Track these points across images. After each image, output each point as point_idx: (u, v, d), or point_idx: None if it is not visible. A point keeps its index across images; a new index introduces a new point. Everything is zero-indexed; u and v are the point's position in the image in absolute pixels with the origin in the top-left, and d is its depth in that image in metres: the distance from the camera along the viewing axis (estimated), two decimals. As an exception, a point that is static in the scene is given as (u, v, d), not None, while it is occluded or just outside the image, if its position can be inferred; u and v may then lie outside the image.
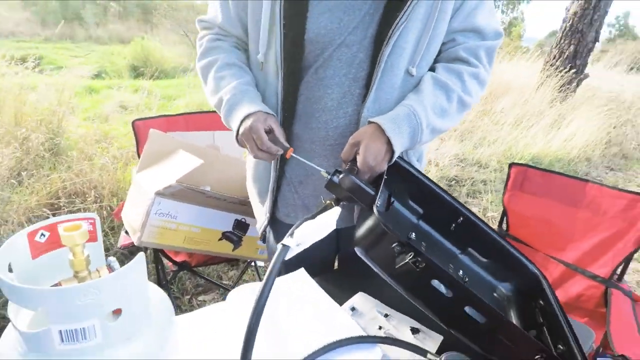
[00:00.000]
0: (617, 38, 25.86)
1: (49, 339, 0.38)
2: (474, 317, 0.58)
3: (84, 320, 0.39)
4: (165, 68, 10.02)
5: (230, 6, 0.87)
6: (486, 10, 0.84)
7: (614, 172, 4.41)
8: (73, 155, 2.54)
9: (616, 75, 9.66)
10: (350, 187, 0.67)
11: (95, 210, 1.97)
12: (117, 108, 5.29)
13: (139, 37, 11.61)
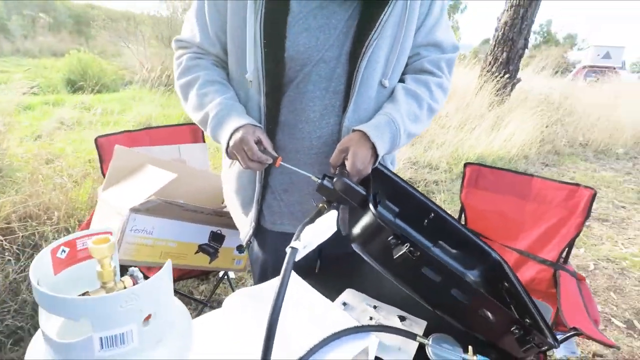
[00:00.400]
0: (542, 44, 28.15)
1: (89, 346, 0.40)
2: (459, 298, 0.65)
3: (124, 326, 0.41)
4: (105, 81, 9.57)
5: (209, 26, 0.90)
6: (443, 26, 0.95)
7: (548, 167, 4.83)
8: (19, 176, 2.39)
9: (543, 79, 10.55)
10: (343, 189, 0.73)
11: (53, 233, 1.88)
12: (57, 125, 4.99)
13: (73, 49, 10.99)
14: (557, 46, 25.17)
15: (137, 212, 1.14)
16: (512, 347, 0.70)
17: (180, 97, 0.96)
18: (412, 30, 0.89)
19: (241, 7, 0.84)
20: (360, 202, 0.73)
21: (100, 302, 0.40)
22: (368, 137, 0.82)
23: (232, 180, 1.02)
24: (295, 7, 0.84)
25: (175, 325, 0.49)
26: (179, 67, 0.94)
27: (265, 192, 0.97)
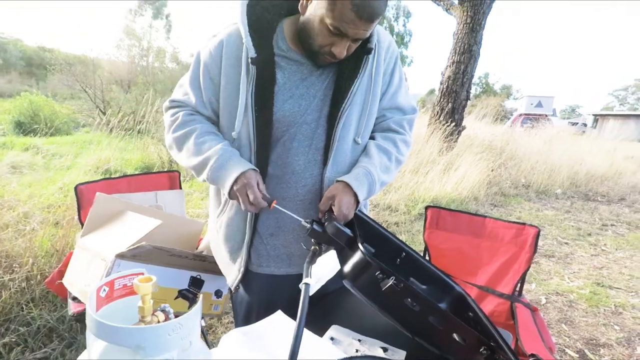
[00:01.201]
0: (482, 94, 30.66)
1: None
2: (436, 325, 0.75)
3: (168, 352, 0.47)
4: (57, 124, 9.28)
5: (203, 92, 1.02)
6: (403, 92, 1.12)
7: (497, 207, 5.19)
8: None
9: (485, 126, 11.46)
10: (334, 232, 0.83)
11: (16, 281, 1.80)
12: (8, 169, 4.76)
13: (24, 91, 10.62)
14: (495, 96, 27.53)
15: (122, 257, 1.17)
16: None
17: (173, 146, 1.03)
18: (377, 97, 1.05)
19: (235, 77, 0.96)
20: (347, 243, 0.83)
21: (154, 330, 0.46)
22: (350, 187, 0.95)
23: (221, 228, 1.09)
24: (281, 78, 0.98)
25: (201, 352, 0.55)
26: (174, 121, 1.03)
27: (253, 236, 1.05)
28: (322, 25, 0.88)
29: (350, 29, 0.86)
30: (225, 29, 1.00)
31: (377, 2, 0.84)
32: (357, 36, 0.88)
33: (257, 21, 0.96)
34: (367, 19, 0.84)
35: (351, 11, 0.83)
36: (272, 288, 1.07)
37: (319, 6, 0.87)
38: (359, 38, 0.90)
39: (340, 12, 0.84)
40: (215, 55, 0.98)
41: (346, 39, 0.89)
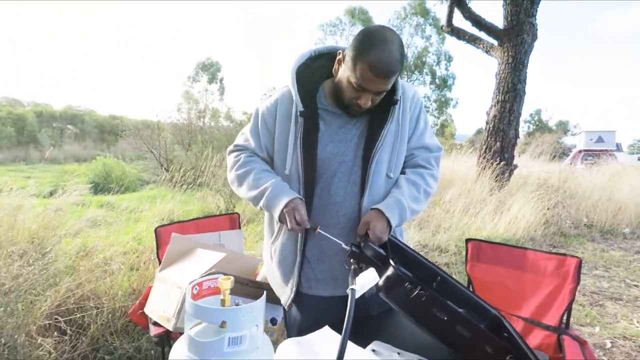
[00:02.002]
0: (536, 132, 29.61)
1: (221, 344, 0.62)
2: (463, 334, 0.86)
3: (242, 330, 0.64)
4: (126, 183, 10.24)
5: (260, 139, 1.26)
6: (428, 134, 1.31)
7: (556, 249, 4.95)
8: (62, 269, 2.62)
9: (541, 164, 11.06)
10: (372, 253, 0.99)
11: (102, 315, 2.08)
12: (88, 223, 5.34)
13: (96, 155, 11.89)
14: (550, 133, 26.51)
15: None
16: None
17: (235, 182, 1.27)
18: (405, 139, 1.24)
19: (286, 126, 1.20)
20: (382, 261, 0.98)
21: (235, 311, 0.64)
22: (383, 213, 1.12)
23: (275, 253, 1.28)
24: (323, 127, 1.20)
25: (263, 342, 0.71)
26: (237, 162, 1.27)
27: (302, 260, 1.22)
28: (348, 84, 1.10)
29: (370, 85, 1.07)
30: (279, 90, 1.26)
31: (391, 62, 1.03)
32: (377, 90, 1.09)
33: (304, 83, 1.20)
34: (383, 76, 1.05)
35: (369, 71, 1.04)
36: (320, 308, 1.22)
37: (345, 69, 1.10)
38: (380, 92, 1.10)
39: (361, 73, 1.05)
40: (272, 109, 1.23)
41: (369, 93, 1.09)
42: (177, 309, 1.36)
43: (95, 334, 2.03)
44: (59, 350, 1.84)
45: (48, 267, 2.31)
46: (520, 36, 6.53)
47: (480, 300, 1.19)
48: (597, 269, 4.23)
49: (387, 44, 1.04)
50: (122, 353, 1.99)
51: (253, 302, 0.66)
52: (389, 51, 1.03)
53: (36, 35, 72.84)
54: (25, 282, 2.05)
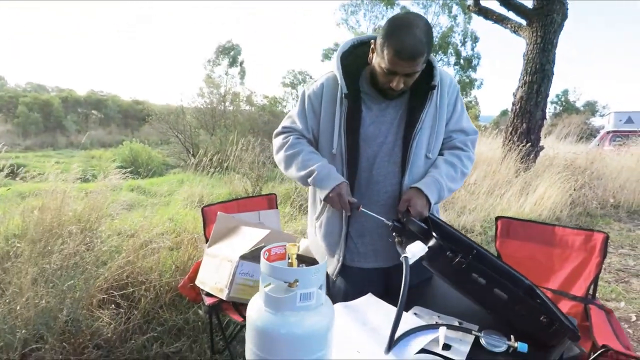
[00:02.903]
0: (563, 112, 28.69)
1: (294, 299, 0.74)
2: (500, 296, 0.95)
3: (311, 288, 0.75)
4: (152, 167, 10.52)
5: (307, 121, 1.36)
6: (465, 117, 1.38)
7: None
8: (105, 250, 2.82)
9: (568, 146, 10.82)
10: (415, 228, 1.09)
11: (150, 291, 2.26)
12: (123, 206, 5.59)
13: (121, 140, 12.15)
14: (577, 114, 25.65)
15: (244, 258, 1.51)
16: (542, 335, 0.97)
17: (282, 162, 1.37)
18: (443, 122, 1.32)
19: (332, 109, 1.30)
20: (423, 234, 1.07)
21: (305, 271, 0.75)
22: (422, 191, 1.21)
23: (320, 227, 1.39)
24: (365, 109, 1.29)
25: (326, 300, 0.82)
26: (286, 143, 1.36)
27: (347, 235, 1.33)
28: (380, 69, 1.18)
29: (398, 69, 1.14)
30: (324, 75, 1.36)
31: (415, 45, 1.10)
32: (405, 72, 1.16)
33: (347, 68, 1.29)
34: (408, 59, 1.12)
35: (395, 55, 1.12)
36: (362, 279, 1.34)
37: (376, 56, 1.18)
38: (410, 73, 1.17)
39: (388, 58, 1.13)
40: (318, 93, 1.33)
41: (399, 76, 1.17)
42: (230, 280, 1.50)
43: (146, 307, 2.20)
44: (116, 321, 2.02)
45: (96, 247, 2.49)
46: (550, 16, 6.35)
47: (514, 271, 1.27)
48: (623, 248, 4.22)
49: (411, 27, 1.11)
50: (172, 325, 2.16)
51: (319, 264, 0.77)
52: (413, 34, 1.10)
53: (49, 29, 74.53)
54: (82, 261, 2.23)
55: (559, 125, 15.01)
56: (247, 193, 5.89)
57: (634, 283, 3.31)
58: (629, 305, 2.88)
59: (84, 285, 2.11)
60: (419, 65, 1.16)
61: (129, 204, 5.85)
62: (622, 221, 5.38)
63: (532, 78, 6.58)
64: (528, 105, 6.64)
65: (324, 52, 24.86)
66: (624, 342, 1.47)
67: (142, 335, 2.05)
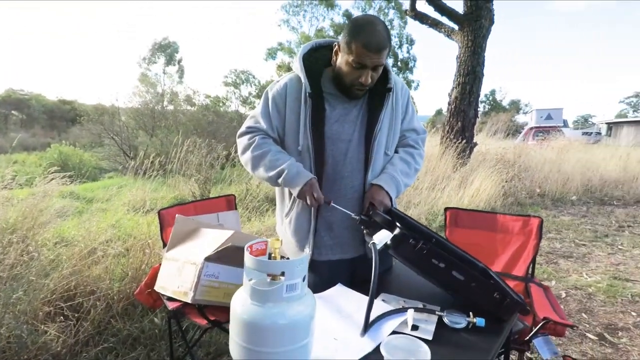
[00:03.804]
0: (491, 111, 30.96)
1: (280, 291, 0.76)
2: (458, 277, 1.05)
3: (295, 279, 0.78)
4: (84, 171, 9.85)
5: (271, 120, 1.38)
6: (415, 118, 1.51)
7: (513, 217, 5.38)
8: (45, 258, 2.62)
9: (497, 141, 11.71)
10: (381, 219, 1.15)
11: (101, 300, 2.14)
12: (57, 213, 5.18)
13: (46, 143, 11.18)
14: (504, 112, 27.81)
15: (209, 260, 1.49)
16: (496, 310, 1.08)
17: (249, 163, 1.37)
18: (399, 121, 1.43)
19: (296, 107, 1.33)
20: (388, 225, 1.14)
21: (291, 262, 0.77)
22: (382, 187, 1.31)
23: (290, 223, 1.41)
24: (328, 108, 1.35)
25: (308, 290, 0.86)
26: (252, 144, 1.37)
27: (315, 231, 1.37)
28: (347, 66, 1.25)
29: (367, 60, 1.22)
30: (287, 76, 1.39)
31: (380, 38, 1.20)
32: (373, 64, 1.24)
33: (309, 69, 1.34)
34: (376, 50, 1.20)
35: (363, 48, 1.20)
36: (330, 271, 1.38)
37: (342, 54, 1.26)
38: (376, 65, 1.25)
39: (356, 52, 1.21)
40: (282, 92, 1.36)
41: (367, 69, 1.24)
42: (195, 282, 1.48)
43: (97, 318, 2.09)
44: (65, 334, 1.90)
45: (37, 257, 2.32)
46: (479, 21, 6.84)
47: (469, 255, 1.38)
48: (550, 233, 4.68)
49: (374, 24, 1.22)
50: (126, 334, 2.07)
51: (301, 257, 0.80)
52: (377, 30, 1.21)
53: None
54: (27, 271, 2.07)
55: (488, 123, 16.19)
56: (195, 196, 5.72)
57: (561, 263, 3.68)
58: (559, 284, 3.21)
59: (26, 297, 1.96)
60: (384, 57, 1.24)
61: (63, 211, 5.44)
62: (548, 208, 5.95)
63: (464, 79, 7.04)
64: (462, 104, 7.10)
65: (268, 52, 24.76)
66: (561, 314, 1.65)
67: (94, 347, 1.95)
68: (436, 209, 4.86)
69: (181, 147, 6.39)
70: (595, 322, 2.59)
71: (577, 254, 3.95)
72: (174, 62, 24.54)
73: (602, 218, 5.42)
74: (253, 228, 3.98)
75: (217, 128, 10.20)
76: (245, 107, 24.56)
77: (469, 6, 6.90)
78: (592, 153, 9.96)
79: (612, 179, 7.56)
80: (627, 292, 3.01)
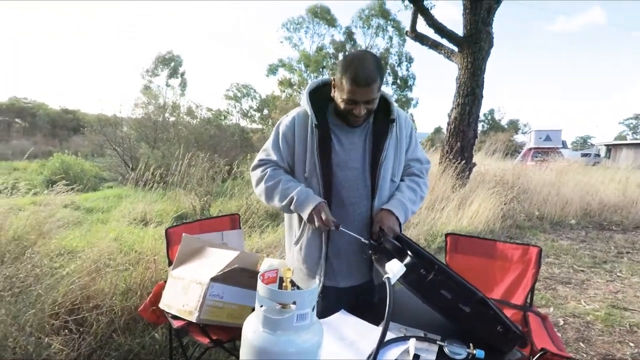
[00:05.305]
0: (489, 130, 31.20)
1: (291, 320, 0.80)
2: (464, 309, 1.08)
3: (306, 309, 0.81)
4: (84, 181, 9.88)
5: (281, 151, 1.44)
6: (419, 148, 1.57)
7: (513, 240, 5.41)
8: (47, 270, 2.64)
9: (495, 162, 11.78)
10: (391, 246, 1.19)
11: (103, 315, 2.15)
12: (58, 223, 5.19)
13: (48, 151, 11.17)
14: (503, 131, 28.06)
15: (215, 280, 1.52)
16: (498, 342, 1.11)
17: (263, 194, 1.43)
18: (403, 150, 1.49)
19: (304, 138, 1.40)
20: (397, 252, 1.18)
21: (303, 293, 0.81)
22: (392, 212, 1.36)
23: (301, 250, 1.46)
24: (334, 137, 1.41)
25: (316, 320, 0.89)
26: (264, 175, 1.43)
27: (326, 256, 1.42)
28: (342, 101, 1.33)
29: (357, 96, 1.29)
30: (295, 110, 1.47)
31: (368, 73, 1.26)
32: (364, 99, 1.30)
33: (315, 103, 1.41)
34: (364, 85, 1.27)
35: (352, 84, 1.27)
36: (337, 297, 1.43)
37: (337, 90, 1.34)
38: (368, 100, 1.31)
39: (347, 88, 1.28)
40: (290, 125, 1.44)
41: (359, 104, 1.31)
42: (200, 302, 1.51)
43: (99, 332, 2.10)
44: (69, 348, 1.91)
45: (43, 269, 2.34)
46: (478, 44, 6.99)
47: (468, 284, 1.42)
48: (549, 257, 4.70)
49: (362, 60, 1.29)
50: (127, 349, 2.08)
51: (312, 287, 0.84)
52: (364, 65, 1.27)
53: None
54: (37, 284, 2.10)
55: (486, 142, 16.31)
56: (195, 210, 5.75)
57: (559, 290, 3.70)
58: (557, 311, 3.22)
59: (33, 310, 1.98)
60: (374, 91, 1.30)
61: (64, 221, 5.46)
62: (547, 232, 5.97)
63: (464, 100, 7.15)
64: (461, 125, 7.20)
65: (269, 68, 25.10)
66: (558, 345, 1.67)
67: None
68: (435, 230, 4.89)
69: (182, 160, 6.45)
70: (592, 352, 2.60)
71: (575, 280, 3.97)
72: (177, 75, 24.85)
73: (600, 243, 5.44)
74: (253, 244, 4.00)
75: (218, 142, 10.28)
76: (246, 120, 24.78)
77: (468, 29, 7.06)
78: (591, 176, 10.01)
79: (611, 203, 7.60)
80: (626, 322, 3.02)
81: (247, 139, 12.11)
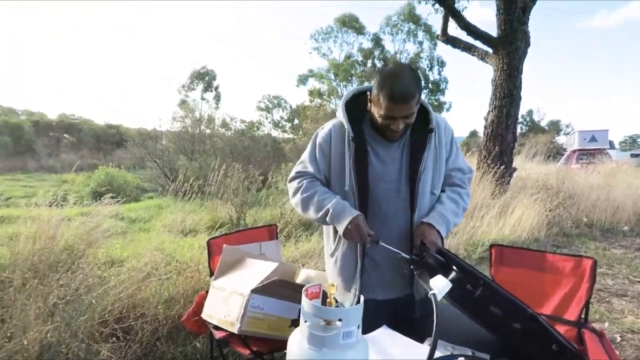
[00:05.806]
0: (529, 132, 30.01)
1: (337, 337, 0.78)
2: (516, 327, 1.02)
3: (352, 327, 0.79)
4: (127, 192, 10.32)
5: (318, 163, 1.44)
6: (460, 157, 1.52)
7: (560, 249, 5.13)
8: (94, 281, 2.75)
9: (537, 165, 11.28)
10: (433, 261, 1.15)
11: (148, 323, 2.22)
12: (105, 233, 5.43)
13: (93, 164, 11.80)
14: (543, 133, 26.91)
15: (255, 292, 1.53)
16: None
17: (299, 205, 1.43)
18: (443, 161, 1.44)
19: (341, 150, 1.39)
20: (441, 267, 1.14)
21: (348, 310, 0.79)
22: (434, 226, 1.31)
23: (336, 262, 1.44)
24: (370, 150, 1.39)
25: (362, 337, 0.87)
26: (301, 187, 1.43)
27: (362, 270, 1.39)
28: (379, 117, 1.30)
29: (395, 113, 1.26)
30: (331, 122, 1.46)
31: (406, 89, 1.22)
32: (402, 114, 1.27)
33: (351, 115, 1.40)
34: (402, 102, 1.24)
35: (390, 102, 1.24)
36: (374, 311, 1.38)
37: (373, 105, 1.31)
38: (406, 115, 1.28)
39: (384, 105, 1.25)
40: (327, 138, 1.43)
41: (397, 119, 1.28)
42: (241, 313, 1.51)
43: (144, 340, 2.16)
44: (116, 355, 1.98)
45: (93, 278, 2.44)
46: (514, 44, 6.75)
47: (517, 299, 1.35)
48: (600, 267, 4.41)
49: (399, 75, 1.25)
50: (170, 358, 2.13)
51: (359, 305, 0.82)
52: (402, 80, 1.23)
53: (37, 36, 72.94)
54: (88, 293, 2.19)
55: (526, 145, 15.67)
56: (232, 219, 5.86)
57: (614, 303, 3.46)
58: (613, 326, 3.01)
59: (84, 317, 2.07)
60: (412, 107, 1.27)
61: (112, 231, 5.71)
62: (597, 240, 5.63)
63: (501, 102, 6.91)
64: (499, 128, 6.94)
65: (299, 78, 25.43)
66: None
67: (140, 370, 2.01)
68: (475, 239, 4.72)
69: (218, 171, 6.60)
70: (654, 370, 2.41)
71: (632, 292, 3.71)
72: (211, 88, 25.63)
73: (657, 251, 5.07)
74: (289, 254, 4.01)
75: (252, 152, 10.49)
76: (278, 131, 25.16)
77: (503, 29, 6.83)
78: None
79: (668, 207, 7.07)
80: (690, 337, 2.78)
81: (279, 149, 12.31)
